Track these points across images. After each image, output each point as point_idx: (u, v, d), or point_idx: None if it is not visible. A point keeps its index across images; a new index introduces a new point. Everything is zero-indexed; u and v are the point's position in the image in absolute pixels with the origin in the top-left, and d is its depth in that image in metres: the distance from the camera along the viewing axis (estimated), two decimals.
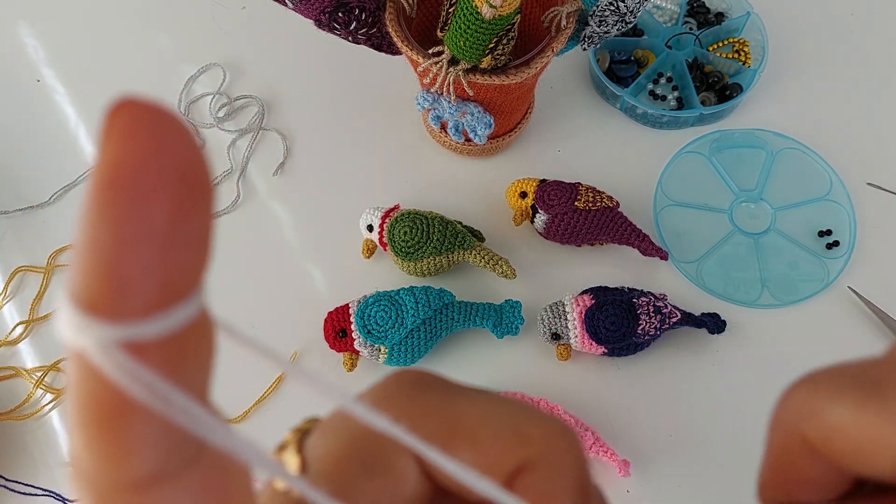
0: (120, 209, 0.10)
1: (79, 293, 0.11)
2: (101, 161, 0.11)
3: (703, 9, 0.73)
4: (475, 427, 0.15)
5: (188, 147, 0.11)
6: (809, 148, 0.65)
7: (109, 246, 0.10)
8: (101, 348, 0.11)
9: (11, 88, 0.75)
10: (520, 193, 0.60)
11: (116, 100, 0.11)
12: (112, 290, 0.10)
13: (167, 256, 0.11)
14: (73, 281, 0.11)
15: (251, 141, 0.70)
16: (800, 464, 0.16)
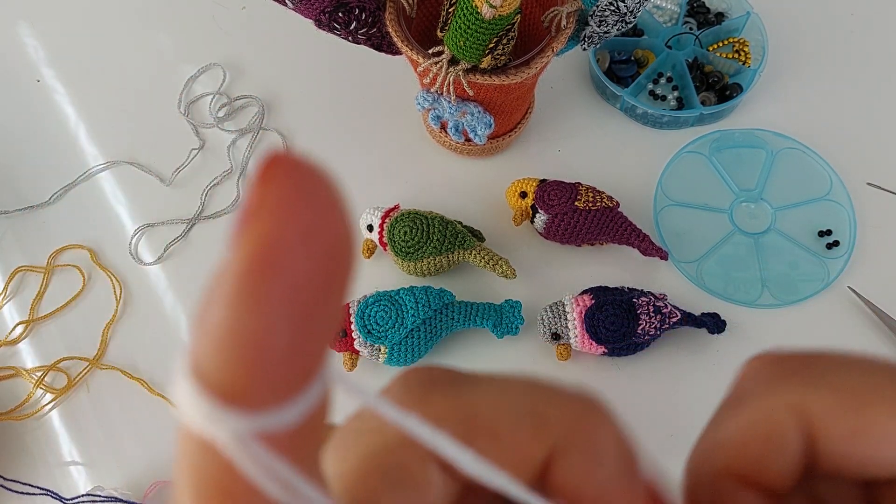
0: (270, 295, 0.09)
1: (211, 377, 0.10)
2: (253, 236, 0.10)
3: (703, 9, 0.73)
4: (492, 420, 0.14)
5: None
6: (809, 148, 0.65)
7: (252, 332, 0.10)
8: (237, 440, 0.10)
9: (11, 88, 0.75)
10: (520, 193, 0.60)
11: (274, 157, 0.10)
12: (252, 378, 0.10)
13: (309, 340, 0.10)
14: (202, 361, 0.10)
15: (251, 141, 0.70)
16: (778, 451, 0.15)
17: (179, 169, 0.69)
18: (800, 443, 0.15)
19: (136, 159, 0.70)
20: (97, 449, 0.58)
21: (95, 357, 0.61)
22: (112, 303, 0.63)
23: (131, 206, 0.68)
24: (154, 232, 0.66)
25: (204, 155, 0.70)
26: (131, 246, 0.65)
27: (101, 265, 0.65)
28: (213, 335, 0.10)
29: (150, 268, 0.65)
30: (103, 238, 0.66)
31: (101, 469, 0.57)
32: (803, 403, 0.15)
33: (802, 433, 0.15)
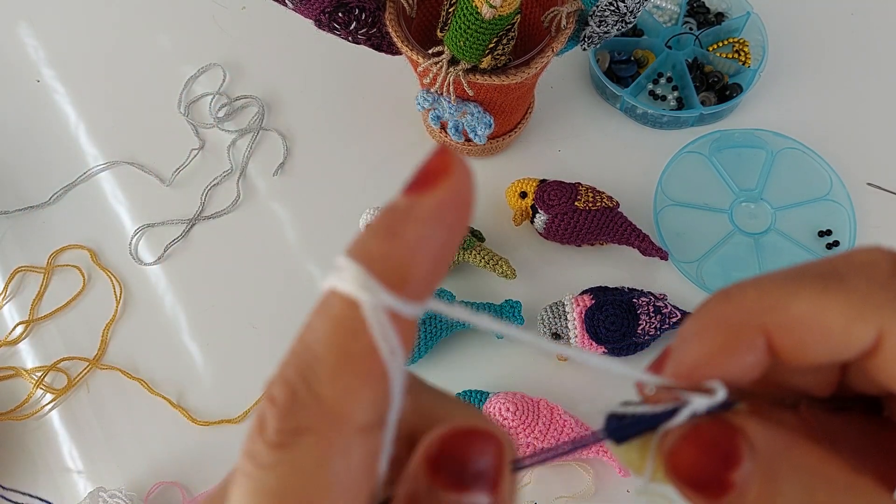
0: (449, 224, 0.15)
1: (375, 256, 0.14)
2: (450, 186, 0.15)
3: (703, 9, 0.73)
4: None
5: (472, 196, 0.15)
6: (809, 148, 0.65)
7: (431, 241, 0.14)
8: (374, 307, 0.14)
9: (11, 88, 0.75)
10: (520, 193, 0.60)
11: (443, 150, 0.15)
12: (408, 270, 0.14)
13: (444, 265, 0.15)
14: (373, 245, 0.14)
15: (251, 141, 0.70)
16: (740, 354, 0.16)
17: (179, 169, 0.69)
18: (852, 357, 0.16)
19: (136, 159, 0.70)
20: (97, 449, 0.58)
21: (95, 357, 0.61)
22: (112, 303, 0.63)
23: (131, 206, 0.68)
24: (154, 232, 0.66)
25: (204, 155, 0.70)
26: (131, 246, 0.65)
27: (101, 265, 0.65)
28: (390, 232, 0.14)
29: (150, 268, 0.65)
30: (103, 238, 0.66)
31: (102, 469, 0.57)
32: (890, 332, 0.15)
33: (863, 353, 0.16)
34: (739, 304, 0.17)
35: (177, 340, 0.61)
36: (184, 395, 0.59)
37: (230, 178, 0.68)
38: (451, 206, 0.15)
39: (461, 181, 0.15)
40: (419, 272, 0.14)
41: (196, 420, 0.58)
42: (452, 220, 0.15)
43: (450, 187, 0.15)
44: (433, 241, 0.14)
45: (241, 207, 0.67)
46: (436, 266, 0.15)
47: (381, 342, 0.14)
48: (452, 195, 0.15)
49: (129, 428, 0.58)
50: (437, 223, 0.15)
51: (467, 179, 0.15)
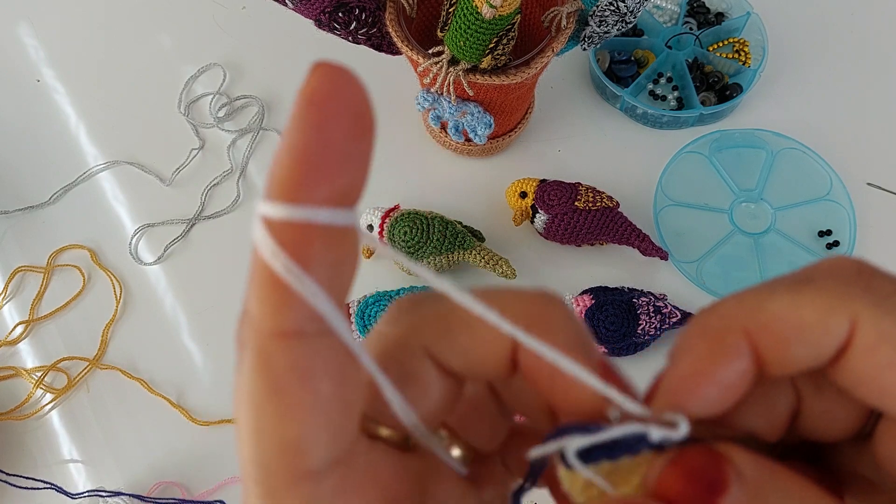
0: (313, 121, 0.14)
1: (272, 180, 0.14)
2: (306, 88, 0.14)
3: (703, 9, 0.73)
4: (466, 315, 0.17)
5: (362, 96, 0.15)
6: (809, 148, 0.65)
7: (303, 146, 0.14)
8: (261, 223, 0.14)
9: (11, 88, 0.75)
10: (520, 193, 0.60)
11: (318, 60, 0.15)
12: (296, 177, 0.14)
13: (339, 165, 0.14)
14: (270, 171, 0.14)
15: (251, 141, 0.70)
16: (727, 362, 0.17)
17: (179, 169, 0.69)
18: (832, 350, 0.16)
19: (136, 159, 0.70)
20: (97, 449, 0.58)
21: (95, 357, 0.61)
22: (112, 303, 0.63)
23: (131, 206, 0.68)
24: (154, 232, 0.66)
25: (204, 155, 0.70)
26: (131, 246, 0.65)
27: (101, 265, 0.65)
28: (277, 152, 0.14)
29: (150, 268, 0.65)
30: (103, 238, 0.66)
31: (102, 469, 0.57)
32: (861, 317, 0.16)
33: (840, 344, 0.16)
34: (720, 312, 0.17)
35: (177, 340, 0.61)
36: (184, 395, 0.59)
37: (230, 178, 0.68)
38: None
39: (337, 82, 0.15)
40: (316, 171, 0.14)
41: (196, 420, 0.58)
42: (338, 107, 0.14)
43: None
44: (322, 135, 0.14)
45: (241, 207, 0.67)
46: (337, 161, 0.14)
47: (263, 249, 0.14)
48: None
49: (129, 428, 0.58)
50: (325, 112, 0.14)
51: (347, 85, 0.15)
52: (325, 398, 0.15)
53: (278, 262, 0.14)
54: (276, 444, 0.15)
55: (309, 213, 0.14)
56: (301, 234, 0.14)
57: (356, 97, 0.15)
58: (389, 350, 0.18)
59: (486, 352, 0.17)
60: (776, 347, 0.16)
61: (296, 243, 0.14)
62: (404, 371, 0.18)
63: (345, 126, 0.14)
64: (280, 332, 0.15)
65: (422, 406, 0.18)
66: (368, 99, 0.15)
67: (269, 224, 0.14)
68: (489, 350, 0.17)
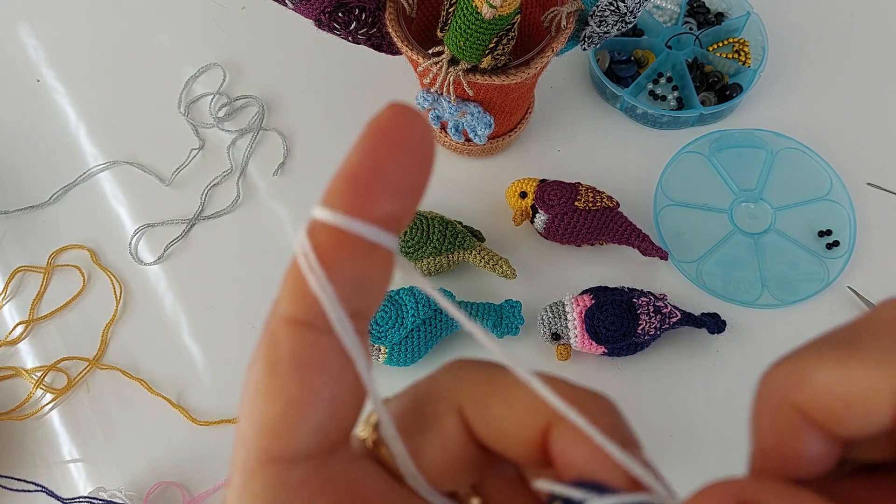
0: (377, 147, 0.16)
1: (331, 189, 0.16)
2: (378, 119, 0.16)
3: (703, 9, 0.73)
4: (509, 386, 0.17)
5: (427, 137, 0.16)
6: (809, 148, 0.65)
7: (364, 166, 0.16)
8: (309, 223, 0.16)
9: (11, 88, 0.75)
10: (520, 193, 0.60)
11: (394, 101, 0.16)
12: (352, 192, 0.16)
13: (392, 192, 0.16)
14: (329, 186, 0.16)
15: (251, 141, 0.70)
16: (793, 437, 0.16)
17: (179, 169, 0.69)
18: (887, 416, 0.15)
19: (136, 159, 0.70)
20: (97, 449, 0.58)
21: (95, 357, 0.61)
22: (112, 303, 0.63)
23: (131, 206, 0.68)
24: (154, 232, 0.66)
25: (204, 155, 0.70)
26: (131, 246, 0.65)
27: (101, 265, 0.65)
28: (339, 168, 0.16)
29: (150, 268, 0.65)
30: (103, 238, 0.66)
31: (102, 469, 0.57)
32: None
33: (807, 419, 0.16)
34: (773, 386, 0.17)
35: (177, 340, 0.61)
36: (184, 395, 0.59)
37: (230, 178, 0.68)
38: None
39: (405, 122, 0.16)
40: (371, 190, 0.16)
41: (196, 420, 0.58)
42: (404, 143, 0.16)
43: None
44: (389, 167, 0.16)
45: (241, 207, 0.67)
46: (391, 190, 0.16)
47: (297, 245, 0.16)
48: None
49: (129, 428, 0.58)
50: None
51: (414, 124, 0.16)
52: (314, 391, 0.16)
53: (304, 256, 0.16)
54: (258, 422, 0.16)
55: (353, 224, 0.16)
56: (338, 240, 0.16)
57: (421, 137, 0.16)
58: (420, 394, 0.18)
59: (517, 428, 0.17)
60: (831, 421, 0.15)
61: (332, 246, 0.16)
62: (428, 415, 0.18)
63: (405, 159, 0.16)
64: (291, 318, 0.16)
65: (437, 455, 0.18)
66: (432, 141, 0.16)
67: (315, 226, 0.16)
68: (520, 427, 0.17)
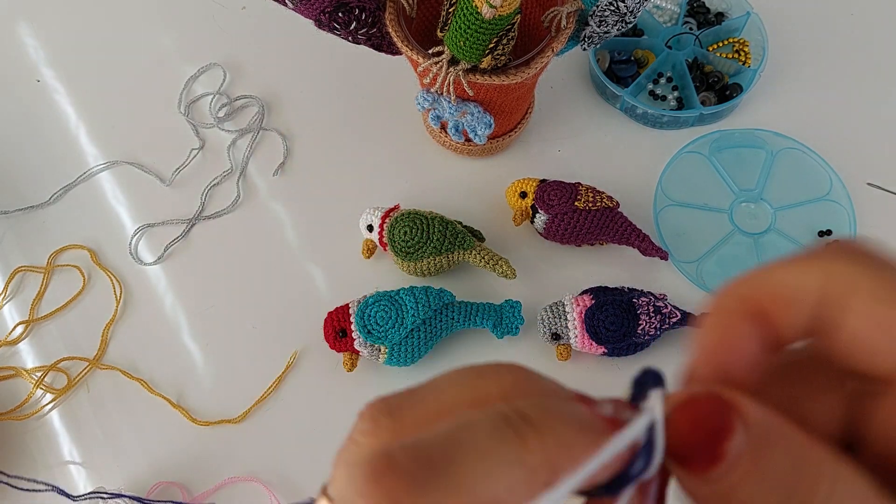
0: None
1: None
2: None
3: (703, 9, 0.73)
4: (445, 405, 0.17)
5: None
6: (809, 148, 0.65)
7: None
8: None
9: (11, 88, 0.75)
10: (520, 193, 0.60)
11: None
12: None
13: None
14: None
15: (251, 141, 0.70)
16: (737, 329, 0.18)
17: (179, 169, 0.69)
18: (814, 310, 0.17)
19: (136, 159, 0.70)
20: (97, 449, 0.58)
21: (95, 357, 0.61)
22: (112, 303, 0.63)
23: (131, 206, 0.68)
24: (154, 232, 0.66)
25: (204, 155, 0.70)
26: (131, 246, 0.65)
27: (101, 265, 0.65)
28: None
29: (150, 268, 0.65)
30: (103, 238, 0.66)
31: (102, 469, 0.57)
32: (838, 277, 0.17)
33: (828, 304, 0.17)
34: (727, 288, 0.19)
35: (177, 340, 0.61)
36: (184, 395, 0.59)
37: (230, 178, 0.68)
38: None
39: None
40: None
41: (196, 420, 0.58)
42: None
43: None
44: None
45: (241, 207, 0.67)
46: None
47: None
48: None
49: (129, 428, 0.58)
50: None
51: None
52: None
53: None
54: None
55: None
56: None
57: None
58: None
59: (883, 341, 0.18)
60: (779, 310, 0.18)
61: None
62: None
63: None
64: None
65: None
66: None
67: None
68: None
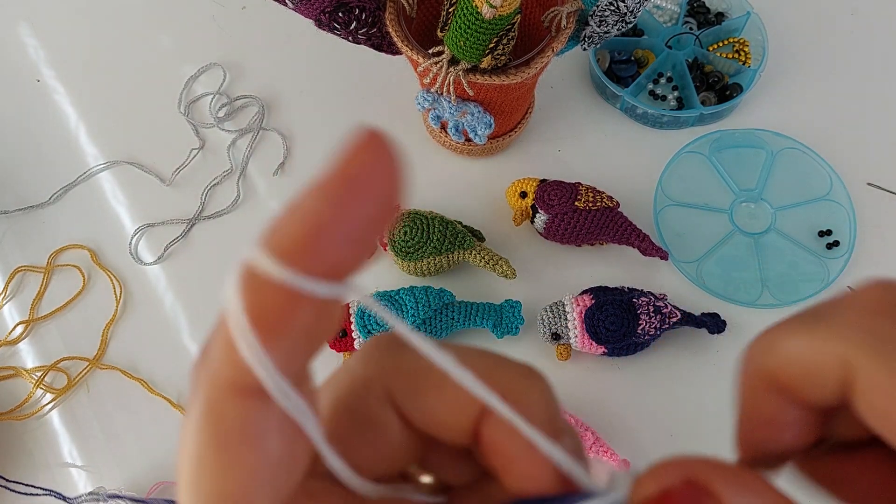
0: (340, 196, 0.13)
1: (274, 235, 0.13)
2: (345, 160, 0.14)
3: (703, 9, 0.73)
4: (440, 376, 0.16)
5: (396, 181, 0.14)
6: (809, 148, 0.65)
7: (318, 215, 0.13)
8: (242, 271, 0.13)
9: (11, 88, 0.75)
10: (520, 193, 0.60)
11: (367, 127, 0.14)
12: (303, 245, 0.13)
13: (348, 244, 0.14)
14: (275, 227, 0.14)
15: (251, 141, 0.70)
16: (766, 404, 0.17)
17: (179, 169, 0.69)
18: (837, 385, 0.16)
19: (136, 159, 0.70)
20: (97, 449, 0.58)
21: (95, 357, 0.61)
22: (112, 303, 0.63)
23: (131, 206, 0.68)
24: (154, 232, 0.66)
25: (204, 155, 0.70)
26: (131, 246, 0.65)
27: (101, 265, 0.65)
28: (289, 211, 0.14)
29: (150, 268, 0.65)
30: (103, 238, 0.66)
31: (102, 469, 0.57)
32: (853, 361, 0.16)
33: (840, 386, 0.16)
34: (750, 356, 0.18)
35: (177, 340, 0.61)
36: (184, 395, 0.59)
37: (230, 178, 0.68)
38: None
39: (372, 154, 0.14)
40: (324, 243, 0.14)
41: None
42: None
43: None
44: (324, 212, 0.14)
45: (241, 207, 0.67)
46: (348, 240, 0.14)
47: (231, 309, 0.13)
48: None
49: (129, 428, 0.58)
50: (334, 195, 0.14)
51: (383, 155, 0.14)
52: (272, 457, 0.14)
53: (240, 329, 0.13)
54: (208, 496, 0.14)
55: (300, 281, 0.13)
56: (284, 299, 0.13)
57: (390, 182, 0.14)
58: (354, 389, 0.17)
59: (450, 417, 0.17)
60: (795, 387, 0.17)
61: (276, 308, 0.13)
62: (363, 415, 0.17)
63: (369, 211, 0.14)
64: (235, 385, 0.14)
65: (379, 451, 0.17)
66: (401, 183, 0.15)
67: (252, 279, 0.13)
68: (453, 416, 0.17)
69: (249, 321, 0.13)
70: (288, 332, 0.14)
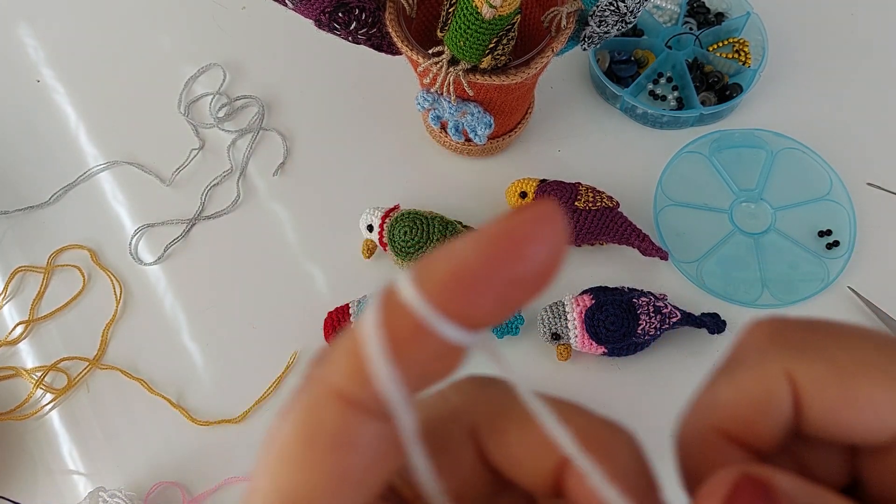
0: (498, 254, 0.14)
1: (426, 271, 0.14)
2: (514, 220, 0.14)
3: (703, 9, 0.73)
4: (526, 418, 0.16)
5: (556, 258, 0.15)
6: (809, 148, 0.65)
7: (471, 267, 0.14)
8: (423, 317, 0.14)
9: (11, 88, 0.75)
10: (520, 193, 0.60)
11: (548, 202, 0.15)
12: (449, 288, 0.14)
13: (491, 302, 0.14)
14: (430, 264, 0.14)
15: (251, 141, 0.70)
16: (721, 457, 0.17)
17: (179, 169, 0.69)
18: (789, 408, 0.16)
19: (136, 159, 0.70)
20: (97, 449, 0.58)
21: (95, 357, 0.61)
22: (112, 303, 0.63)
23: (131, 206, 0.68)
24: (154, 232, 0.66)
25: (204, 155, 0.70)
26: (131, 246, 0.65)
27: (101, 265, 0.65)
28: (453, 255, 0.14)
29: (150, 268, 0.65)
30: (103, 238, 0.66)
31: (102, 469, 0.57)
32: (795, 371, 0.16)
33: (792, 400, 0.16)
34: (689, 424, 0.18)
35: (177, 340, 0.61)
36: (184, 395, 0.59)
37: (230, 178, 0.68)
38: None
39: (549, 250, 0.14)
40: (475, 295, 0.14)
41: (196, 420, 0.58)
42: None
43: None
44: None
45: (241, 207, 0.67)
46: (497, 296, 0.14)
47: (368, 328, 0.14)
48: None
49: (129, 428, 0.58)
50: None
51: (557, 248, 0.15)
52: (352, 470, 0.15)
53: (373, 341, 0.14)
54: (282, 490, 0.15)
55: (444, 327, 0.14)
56: (418, 334, 0.14)
57: (551, 258, 0.14)
58: (441, 415, 0.18)
59: (530, 459, 0.17)
60: (744, 429, 0.16)
61: (408, 339, 0.14)
62: (443, 442, 0.17)
63: (522, 276, 0.14)
64: (342, 394, 0.15)
65: (448, 481, 0.17)
66: (559, 264, 0.15)
67: (394, 305, 0.14)
68: (534, 459, 0.17)
69: (383, 338, 0.14)
70: (409, 361, 0.14)
